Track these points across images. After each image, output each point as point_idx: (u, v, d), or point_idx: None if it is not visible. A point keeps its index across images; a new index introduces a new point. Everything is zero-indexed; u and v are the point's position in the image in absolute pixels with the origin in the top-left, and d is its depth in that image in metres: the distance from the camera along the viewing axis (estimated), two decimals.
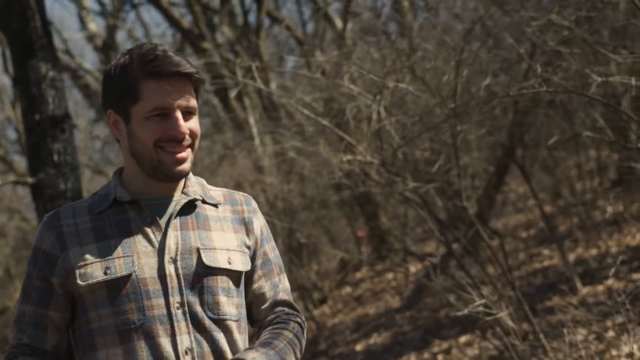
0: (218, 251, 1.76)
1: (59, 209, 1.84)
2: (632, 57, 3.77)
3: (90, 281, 1.70)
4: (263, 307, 1.84)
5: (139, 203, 1.77)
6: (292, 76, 11.64)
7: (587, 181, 8.03)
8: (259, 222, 1.86)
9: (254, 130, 8.39)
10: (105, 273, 1.70)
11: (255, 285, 1.81)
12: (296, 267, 7.63)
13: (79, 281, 1.72)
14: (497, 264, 4.83)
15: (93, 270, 1.71)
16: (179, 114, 1.72)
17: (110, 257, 1.71)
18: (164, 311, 1.69)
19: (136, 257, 1.71)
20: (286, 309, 1.87)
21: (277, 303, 1.86)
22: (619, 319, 4.61)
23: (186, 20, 9.05)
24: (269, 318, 1.85)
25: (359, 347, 6.98)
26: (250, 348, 1.75)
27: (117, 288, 1.70)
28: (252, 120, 8.48)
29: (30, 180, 5.30)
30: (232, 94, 8.40)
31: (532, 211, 8.56)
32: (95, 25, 13.29)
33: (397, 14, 10.00)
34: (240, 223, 1.83)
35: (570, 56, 4.25)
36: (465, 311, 4.11)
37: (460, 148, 5.77)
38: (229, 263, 1.76)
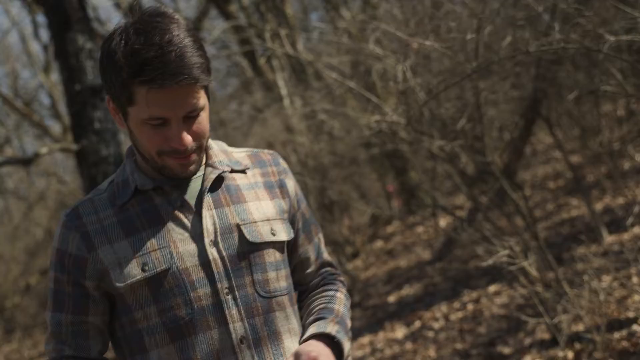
0: (259, 224, 1.63)
1: (77, 205, 1.67)
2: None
3: (128, 281, 1.57)
4: (309, 270, 1.75)
5: (163, 187, 1.61)
6: (319, 36, 11.80)
7: (615, 130, 8.17)
8: (292, 183, 1.74)
9: (284, 92, 8.63)
10: (143, 270, 1.57)
11: (300, 250, 1.71)
12: (329, 223, 7.94)
13: (116, 282, 1.59)
14: (522, 215, 5.08)
15: (130, 268, 1.57)
16: (179, 124, 1.52)
17: (145, 252, 1.57)
18: (213, 300, 1.57)
19: (173, 246, 1.57)
20: (329, 269, 1.78)
21: (322, 264, 1.77)
22: None
23: None
24: (316, 281, 1.76)
25: (391, 299, 7.30)
26: (320, 318, 1.66)
27: (159, 283, 1.57)
28: (281, 82, 8.71)
29: (74, 147, 5.65)
30: (262, 59, 8.63)
31: (560, 162, 8.74)
32: None
33: None
34: (273, 186, 1.70)
35: (589, 14, 4.41)
36: (490, 262, 4.38)
37: (487, 102, 5.96)
38: (273, 235, 1.64)
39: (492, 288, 6.24)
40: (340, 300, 1.72)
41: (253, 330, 1.59)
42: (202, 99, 1.54)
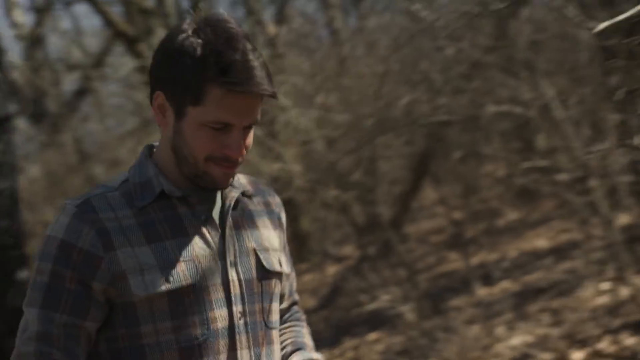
0: (271, 252, 1.60)
1: (88, 196, 1.53)
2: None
3: (151, 291, 1.46)
4: (282, 306, 1.72)
5: (189, 198, 1.52)
6: None
7: (494, 189, 8.88)
8: (284, 217, 1.70)
9: None
10: (167, 281, 1.47)
11: (283, 282, 1.67)
12: None
13: (135, 290, 1.46)
14: (405, 266, 5.52)
15: (153, 277, 1.47)
16: (240, 133, 1.48)
17: (169, 263, 1.48)
18: (227, 323, 1.51)
19: (197, 261, 1.49)
20: (297, 307, 1.79)
21: (293, 302, 1.78)
22: (508, 316, 5.38)
23: (120, 19, 9.42)
24: (285, 316, 1.74)
25: None
26: (299, 349, 1.67)
27: (180, 299, 1.48)
28: None
29: None
30: None
31: (443, 217, 9.36)
32: (21, 14, 13.43)
33: (329, 22, 10.64)
34: (274, 218, 1.66)
35: (476, 82, 4.98)
36: (372, 306, 4.76)
37: (381, 156, 6.45)
38: (280, 265, 1.61)
39: (372, 336, 6.63)
40: (308, 335, 1.74)
41: (257, 358, 1.54)
42: (259, 114, 1.53)
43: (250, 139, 1.52)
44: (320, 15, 12.23)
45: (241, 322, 1.52)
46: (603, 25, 2.32)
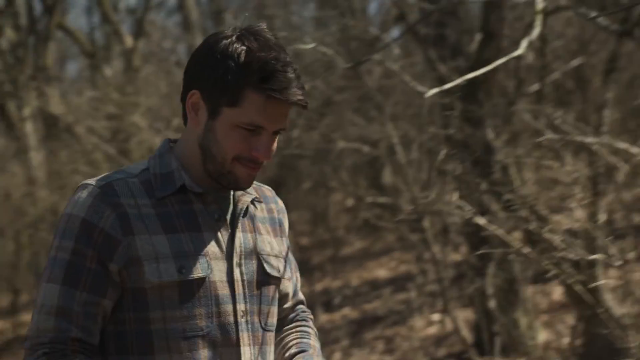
0: (272, 257, 1.68)
1: (110, 180, 1.59)
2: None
3: (164, 279, 1.54)
4: (286, 305, 1.80)
5: (206, 196, 1.62)
6: (77, 87, 11.90)
7: (341, 219, 9.31)
8: (286, 223, 1.78)
9: (32, 142, 8.68)
10: (180, 272, 1.56)
11: (281, 286, 1.74)
12: None
13: (149, 276, 1.54)
14: None
15: (167, 266, 1.55)
16: (269, 137, 1.59)
17: (183, 254, 1.57)
18: (231, 319, 1.60)
19: (208, 257, 1.59)
20: (303, 307, 1.85)
21: (298, 302, 1.83)
22: (345, 343, 5.72)
23: None
24: (291, 316, 1.81)
25: None
26: (303, 351, 1.73)
27: (190, 290, 1.56)
28: (29, 132, 8.76)
29: None
30: (12, 105, 8.64)
31: (291, 242, 9.68)
32: None
33: (189, 40, 10.75)
34: (275, 224, 1.74)
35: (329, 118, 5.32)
36: None
37: None
38: (278, 271, 1.69)
39: None
40: (314, 336, 1.80)
41: (254, 358, 1.63)
42: (288, 121, 1.64)
43: (275, 144, 1.62)
44: (180, 32, 12.36)
45: (243, 320, 1.61)
46: (432, 91, 2.66)
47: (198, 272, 1.57)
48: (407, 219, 4.65)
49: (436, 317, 6.05)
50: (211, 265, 1.58)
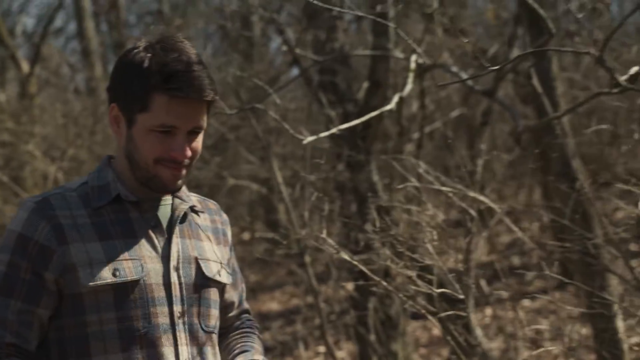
0: (211, 262, 1.77)
1: (47, 195, 1.72)
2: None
3: (98, 282, 1.64)
4: (231, 314, 1.90)
5: (142, 204, 1.72)
6: None
7: (237, 252, 9.56)
8: (230, 234, 1.89)
9: None
10: (114, 275, 1.65)
11: (227, 295, 1.85)
12: None
13: (83, 281, 1.64)
14: None
15: (100, 270, 1.65)
16: (184, 136, 1.67)
17: (117, 259, 1.66)
18: (168, 320, 1.68)
19: (143, 261, 1.68)
20: (248, 316, 1.95)
21: (243, 311, 1.93)
22: None
23: None
24: (236, 324, 1.91)
25: None
26: (245, 351, 1.83)
27: (125, 292, 1.65)
28: None
29: None
30: None
31: None
32: None
33: (88, 69, 10.83)
34: (219, 234, 1.84)
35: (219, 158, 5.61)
36: None
37: None
38: (219, 275, 1.78)
39: None
40: (257, 340, 1.90)
41: (193, 358, 1.71)
42: (205, 121, 1.71)
43: (198, 144, 1.71)
44: (79, 60, 12.38)
45: (180, 321, 1.70)
46: (309, 138, 2.99)
47: (132, 274, 1.66)
48: (292, 254, 4.99)
49: (321, 349, 6.40)
50: (146, 268, 1.68)
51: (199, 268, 1.75)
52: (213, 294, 1.77)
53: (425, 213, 3.07)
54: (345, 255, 2.93)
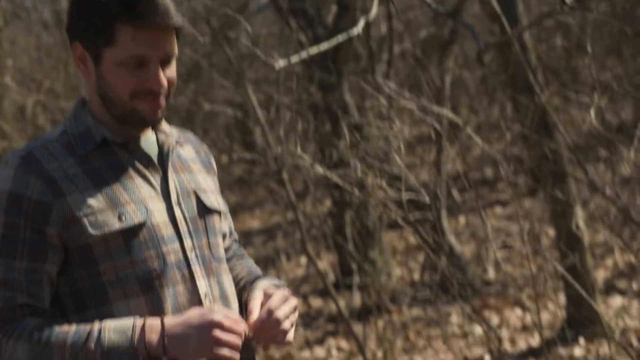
0: (209, 193, 1.76)
1: (29, 148, 1.64)
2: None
3: (105, 230, 1.60)
4: (225, 245, 1.86)
5: (128, 145, 1.67)
6: None
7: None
8: (214, 162, 1.87)
9: None
10: (120, 220, 1.61)
11: (222, 223, 1.82)
12: None
13: (90, 230, 1.60)
14: None
15: (105, 218, 1.60)
16: (157, 65, 1.61)
17: (119, 203, 1.62)
18: (181, 256, 1.66)
19: (145, 202, 1.64)
20: (237, 244, 1.94)
21: (234, 241, 1.92)
22: None
23: None
24: (229, 254, 1.89)
25: None
26: (259, 277, 1.81)
27: (134, 236, 1.62)
28: None
29: None
30: None
31: None
32: None
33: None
34: (205, 163, 1.82)
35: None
36: None
37: None
38: (218, 204, 1.77)
39: None
40: (256, 266, 1.90)
41: (211, 288, 1.69)
42: (176, 48, 1.65)
43: (172, 73, 1.65)
44: None
45: (193, 254, 1.68)
46: (281, 64, 3.16)
47: (138, 217, 1.63)
48: (270, 173, 5.26)
49: (303, 260, 6.78)
50: (150, 208, 1.64)
51: (198, 200, 1.73)
52: (216, 222, 1.76)
53: (393, 129, 3.34)
54: (320, 169, 3.18)
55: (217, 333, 1.58)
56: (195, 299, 1.67)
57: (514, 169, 4.23)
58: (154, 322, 1.59)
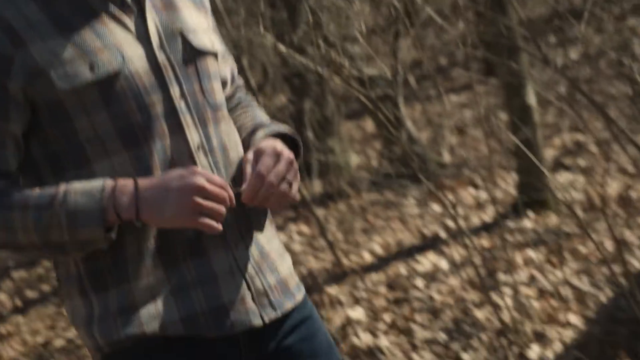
0: (199, 32, 1.56)
1: None
2: None
3: (76, 83, 1.43)
4: (226, 93, 1.67)
5: None
6: None
7: None
8: (208, 3, 1.66)
9: None
10: (92, 70, 1.43)
11: (221, 70, 1.63)
12: None
13: (59, 84, 1.42)
14: None
15: (76, 68, 1.43)
16: None
17: (90, 51, 1.43)
18: (167, 106, 1.48)
19: (119, 47, 1.45)
20: (243, 91, 1.75)
21: (238, 87, 1.74)
22: None
23: None
24: (234, 102, 1.70)
25: None
26: (263, 125, 1.62)
27: (110, 87, 1.44)
28: None
29: None
30: None
31: None
32: None
33: None
34: (194, 0, 1.61)
35: None
36: None
37: None
38: (211, 43, 1.57)
39: None
40: (263, 113, 1.71)
41: (207, 139, 1.51)
42: None
43: None
44: None
45: (182, 103, 1.49)
46: None
47: (112, 65, 1.45)
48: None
49: None
50: (126, 55, 1.46)
51: (186, 41, 1.54)
52: (210, 65, 1.56)
53: (352, 9, 3.43)
54: (283, 48, 3.27)
55: (198, 199, 1.41)
56: (186, 152, 1.49)
57: (469, 53, 4.36)
58: (126, 183, 1.43)
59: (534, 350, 3.45)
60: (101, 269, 1.48)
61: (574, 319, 3.58)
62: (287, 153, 1.52)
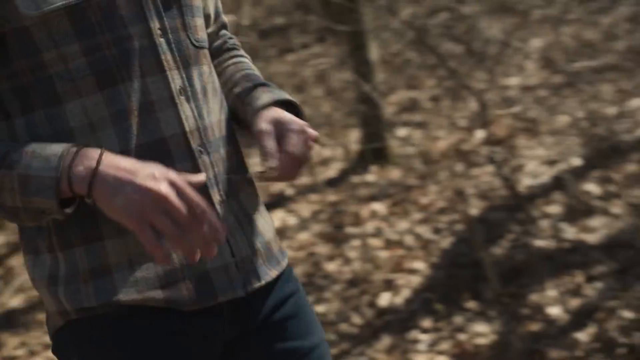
0: None
1: None
2: None
3: (45, 8, 1.28)
4: (209, 30, 1.54)
5: None
6: None
7: None
8: None
9: None
10: None
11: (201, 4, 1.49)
12: None
13: (23, 9, 1.28)
14: None
15: None
16: None
17: None
18: (146, 41, 1.33)
19: None
20: (228, 33, 1.61)
21: (222, 26, 1.60)
22: None
23: None
24: (218, 43, 1.58)
25: None
26: (262, 84, 1.47)
27: (84, 16, 1.29)
28: None
29: None
30: None
31: None
32: None
33: None
34: None
35: None
36: None
37: None
38: None
39: None
40: (254, 67, 1.57)
41: (190, 81, 1.36)
42: None
43: None
44: None
45: (163, 40, 1.35)
46: None
47: None
48: None
49: None
50: None
51: None
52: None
53: None
54: None
55: (152, 207, 1.19)
56: (167, 95, 1.33)
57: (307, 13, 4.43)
58: (90, 153, 1.25)
59: (384, 297, 3.63)
60: (70, 223, 1.30)
61: (419, 265, 3.78)
62: (311, 130, 1.40)
